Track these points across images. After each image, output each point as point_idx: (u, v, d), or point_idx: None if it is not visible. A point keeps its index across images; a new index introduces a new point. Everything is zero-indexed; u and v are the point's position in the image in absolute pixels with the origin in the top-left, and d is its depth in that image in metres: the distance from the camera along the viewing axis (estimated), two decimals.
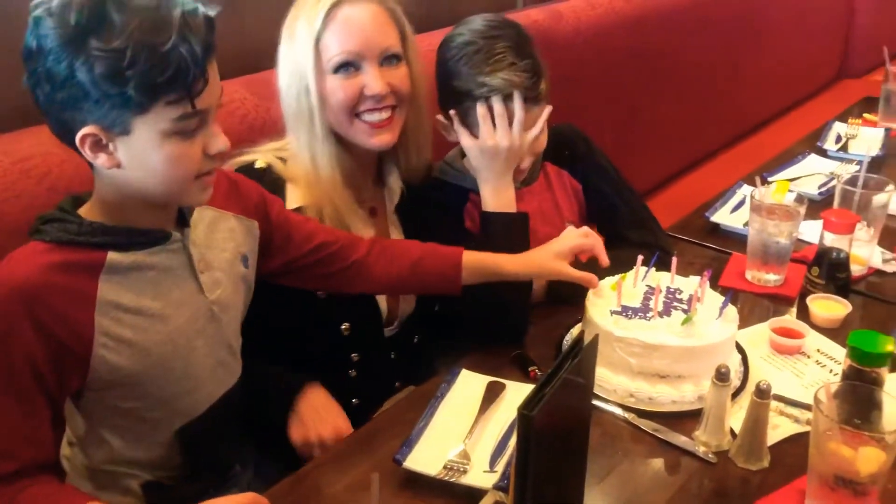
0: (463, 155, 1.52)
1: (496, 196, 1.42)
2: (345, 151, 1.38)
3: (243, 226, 1.19)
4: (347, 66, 1.33)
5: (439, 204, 1.53)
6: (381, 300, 1.44)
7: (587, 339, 0.95)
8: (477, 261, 1.33)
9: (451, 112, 1.43)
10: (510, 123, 1.40)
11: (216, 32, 0.98)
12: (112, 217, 1.03)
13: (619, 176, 1.64)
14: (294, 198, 1.35)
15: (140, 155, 0.97)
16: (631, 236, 1.56)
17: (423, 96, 1.45)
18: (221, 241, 1.15)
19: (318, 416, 1.29)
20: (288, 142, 1.38)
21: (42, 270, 0.98)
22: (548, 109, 1.45)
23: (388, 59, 1.36)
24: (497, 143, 1.39)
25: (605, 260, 1.34)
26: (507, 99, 1.39)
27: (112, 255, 1.02)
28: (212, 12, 0.98)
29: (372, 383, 1.45)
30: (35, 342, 0.96)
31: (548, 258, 1.33)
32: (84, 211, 1.04)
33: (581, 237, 1.35)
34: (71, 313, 0.99)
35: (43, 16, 0.92)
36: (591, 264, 1.38)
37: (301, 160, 1.35)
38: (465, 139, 1.43)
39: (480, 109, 1.39)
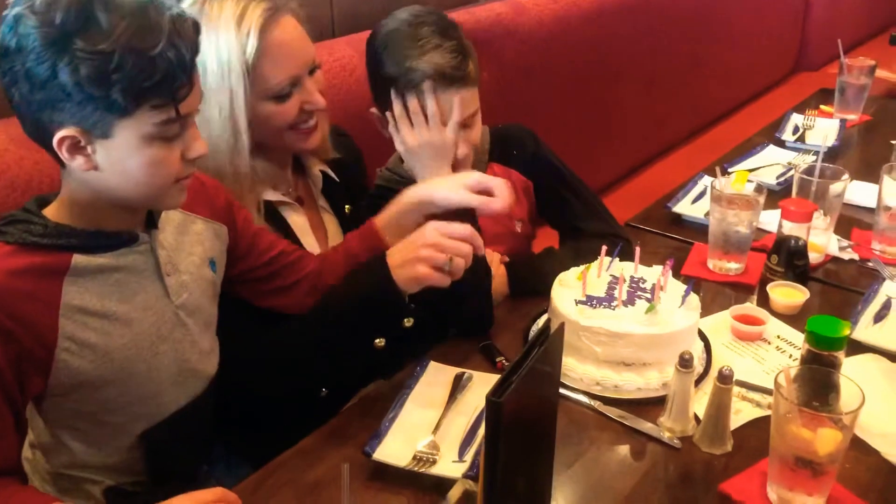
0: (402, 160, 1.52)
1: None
2: (263, 156, 1.35)
3: (211, 229, 1.18)
4: (287, 93, 1.29)
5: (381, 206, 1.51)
6: None
7: (562, 330, 0.97)
8: (385, 220, 1.32)
9: (388, 113, 1.43)
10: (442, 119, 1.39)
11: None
12: (79, 219, 1.01)
13: (568, 170, 1.65)
14: None
15: (119, 158, 0.96)
16: (586, 227, 1.58)
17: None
18: (189, 245, 1.14)
19: None
20: None
21: (4, 276, 0.96)
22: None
23: (313, 70, 1.34)
24: (419, 140, 1.39)
25: (500, 203, 1.28)
26: (438, 87, 1.38)
27: (77, 258, 1.00)
28: (193, 15, 0.98)
29: (342, 375, 1.44)
30: None
31: (450, 188, 1.29)
32: (49, 211, 1.01)
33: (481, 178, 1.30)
34: (34, 318, 0.97)
35: (24, 13, 0.90)
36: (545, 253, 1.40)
37: (211, 165, 1.27)
38: (397, 143, 1.43)
39: (396, 108, 1.39)
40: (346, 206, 1.50)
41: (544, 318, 1.38)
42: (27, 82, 0.91)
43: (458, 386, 1.24)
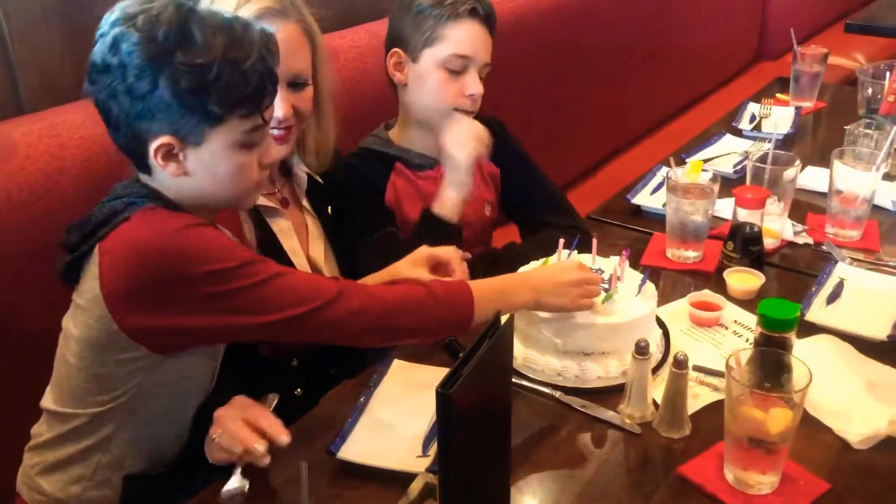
0: (388, 127, 1.63)
1: (451, 201, 1.49)
2: None
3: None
4: None
5: (361, 174, 1.56)
6: None
7: (515, 320, 0.99)
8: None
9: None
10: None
11: None
12: None
13: (533, 163, 1.71)
14: None
15: (209, 164, 1.04)
16: (550, 220, 1.62)
17: (327, 101, 1.46)
18: None
19: None
20: None
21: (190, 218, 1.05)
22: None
23: (296, 85, 1.36)
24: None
25: (459, 270, 1.33)
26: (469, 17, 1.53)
27: None
28: (275, 31, 1.09)
29: (315, 373, 1.46)
30: None
31: (407, 268, 1.33)
32: None
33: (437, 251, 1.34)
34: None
35: (126, 31, 0.97)
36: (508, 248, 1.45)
37: None
38: (402, 94, 1.59)
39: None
40: (329, 207, 1.53)
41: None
42: (127, 96, 0.99)
43: (422, 382, 1.25)
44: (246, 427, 1.05)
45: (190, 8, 1.00)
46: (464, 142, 1.52)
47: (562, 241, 1.37)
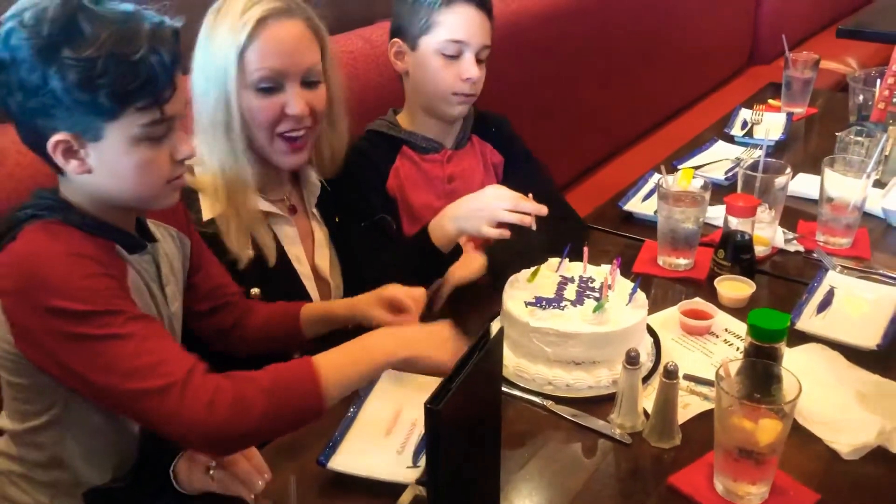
0: (396, 112, 1.67)
1: (445, 233, 1.46)
2: (259, 161, 1.40)
3: (179, 239, 1.23)
4: (270, 85, 1.34)
5: (367, 157, 1.58)
6: (313, 292, 1.48)
7: (505, 330, 0.99)
8: (313, 311, 1.38)
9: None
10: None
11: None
12: None
13: (535, 160, 1.78)
14: (207, 208, 1.35)
15: (111, 161, 1.02)
16: (551, 213, 1.62)
17: (340, 103, 1.48)
18: (171, 253, 1.20)
19: None
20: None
21: (82, 245, 1.02)
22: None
23: (309, 82, 1.37)
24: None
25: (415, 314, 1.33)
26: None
27: (119, 249, 1.07)
28: (178, 24, 1.04)
29: None
30: None
31: (369, 303, 1.34)
32: None
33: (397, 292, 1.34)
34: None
35: (15, 27, 0.97)
36: (500, 245, 1.47)
37: (210, 168, 1.36)
38: (405, 82, 1.65)
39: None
40: (336, 218, 1.55)
41: (498, 321, 1.40)
42: (21, 91, 0.97)
43: (412, 391, 1.25)
44: (245, 462, 1.04)
45: (80, 3, 0.97)
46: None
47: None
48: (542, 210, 1.40)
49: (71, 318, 0.96)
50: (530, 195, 1.44)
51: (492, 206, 1.41)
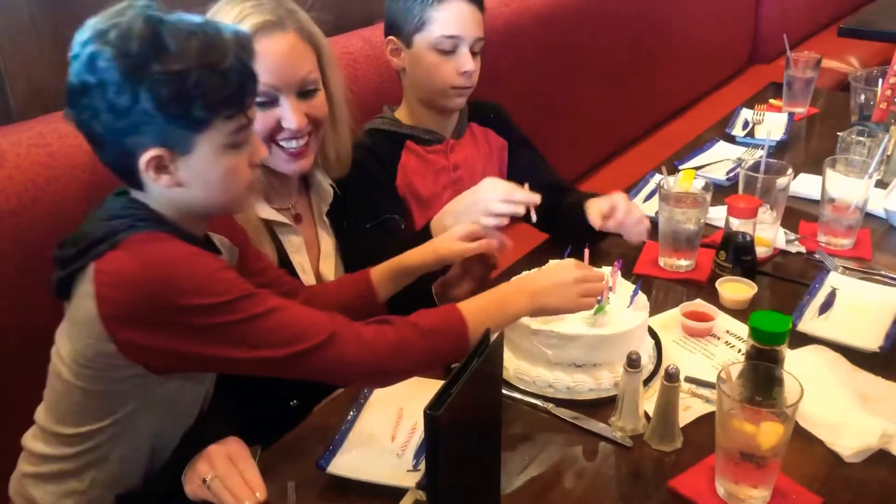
0: (392, 109, 1.68)
1: (445, 229, 1.46)
2: (264, 169, 1.38)
3: (230, 252, 1.22)
4: (264, 100, 1.32)
5: (374, 154, 1.59)
6: None
7: (506, 332, 1.00)
8: (384, 269, 1.38)
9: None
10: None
11: None
12: None
13: (533, 145, 1.83)
14: None
15: (200, 171, 1.03)
16: (563, 184, 1.69)
17: (341, 104, 1.48)
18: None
19: None
20: None
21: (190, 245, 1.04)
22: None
23: (305, 92, 1.36)
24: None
25: (502, 246, 1.41)
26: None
27: None
28: (248, 31, 1.09)
29: (311, 384, 1.45)
30: None
31: (449, 242, 1.38)
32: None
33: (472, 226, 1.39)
34: None
35: (100, 49, 0.96)
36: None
37: None
38: (403, 78, 1.66)
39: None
40: (345, 222, 1.54)
41: None
42: (110, 113, 0.97)
43: (413, 394, 1.24)
44: (239, 478, 1.04)
45: (159, 17, 0.98)
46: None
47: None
48: (536, 199, 1.41)
49: (215, 311, 1.00)
50: (526, 185, 1.45)
51: (486, 198, 1.43)
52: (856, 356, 1.31)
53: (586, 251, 1.39)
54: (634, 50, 2.90)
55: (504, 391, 1.22)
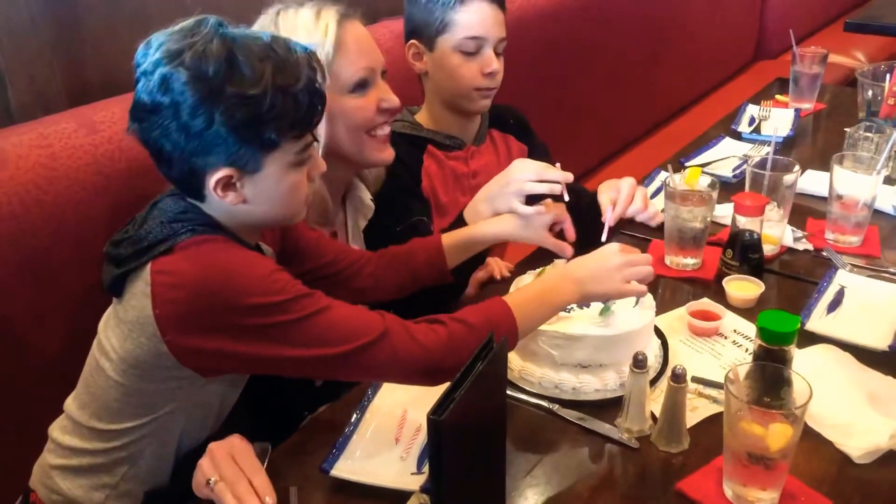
0: (412, 112, 1.68)
1: (479, 216, 1.47)
2: (323, 180, 1.37)
3: (269, 254, 1.23)
4: (364, 84, 1.34)
5: (399, 158, 1.56)
6: None
7: (506, 341, 0.98)
8: (454, 238, 1.41)
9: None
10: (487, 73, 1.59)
11: None
12: None
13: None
14: None
15: (267, 189, 1.04)
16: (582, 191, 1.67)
17: None
18: None
19: None
20: None
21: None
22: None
23: (383, 74, 1.39)
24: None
25: (571, 234, 1.45)
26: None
27: None
28: (312, 47, 1.09)
29: (338, 392, 1.44)
30: None
31: (517, 225, 1.42)
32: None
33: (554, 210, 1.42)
34: None
35: (173, 71, 0.96)
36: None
37: None
38: (425, 81, 1.66)
39: None
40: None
41: None
42: (182, 133, 0.98)
43: (416, 397, 1.23)
44: (246, 483, 1.02)
45: (232, 37, 0.99)
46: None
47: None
48: (569, 177, 1.40)
49: (271, 310, 1.01)
50: (557, 164, 1.44)
51: (518, 179, 1.42)
52: (865, 355, 1.30)
53: (606, 225, 1.38)
54: (639, 46, 2.88)
55: (509, 392, 1.21)
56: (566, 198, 1.42)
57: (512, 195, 1.42)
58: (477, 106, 1.65)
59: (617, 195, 1.53)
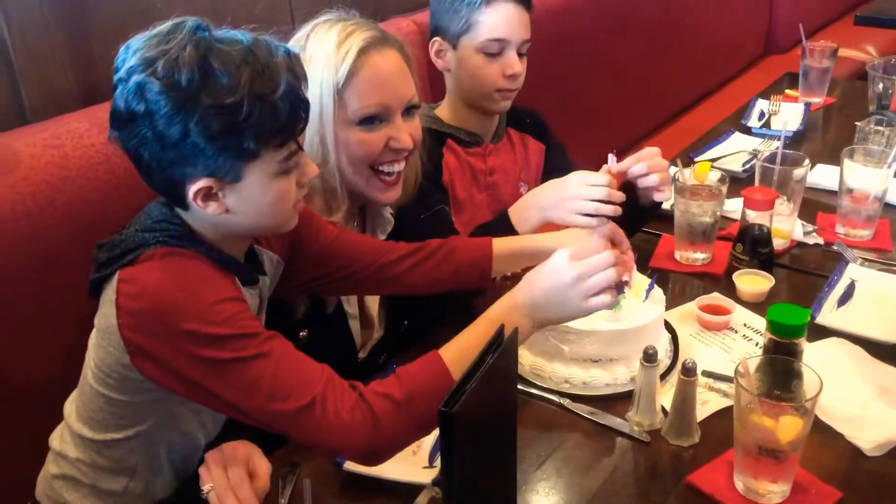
0: (432, 107, 1.68)
1: (527, 221, 1.45)
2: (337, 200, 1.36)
3: (276, 266, 1.20)
4: (372, 120, 1.29)
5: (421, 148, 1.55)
6: (356, 334, 1.43)
7: (516, 332, 0.98)
8: (507, 246, 1.34)
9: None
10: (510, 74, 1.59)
11: None
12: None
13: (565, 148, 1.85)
14: None
15: (250, 198, 1.00)
16: None
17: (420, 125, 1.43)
18: (269, 282, 1.18)
19: None
20: None
21: (208, 270, 1.01)
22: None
23: (409, 111, 1.34)
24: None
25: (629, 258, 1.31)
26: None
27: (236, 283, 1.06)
28: (299, 50, 1.02)
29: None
30: None
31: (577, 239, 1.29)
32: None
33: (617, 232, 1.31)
34: None
35: (148, 80, 0.92)
36: None
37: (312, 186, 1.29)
38: (447, 78, 1.67)
39: None
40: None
41: None
42: (157, 143, 0.94)
43: None
44: (232, 496, 1.03)
45: (208, 44, 0.93)
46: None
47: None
48: (622, 197, 1.35)
49: (206, 342, 0.95)
50: (612, 157, 1.40)
51: (579, 196, 1.36)
52: (875, 348, 1.30)
53: (612, 156, 1.37)
54: (649, 41, 2.87)
55: (520, 387, 1.22)
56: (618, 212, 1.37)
57: (570, 210, 1.37)
58: (498, 106, 1.66)
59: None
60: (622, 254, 1.23)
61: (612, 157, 1.41)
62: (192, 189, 0.97)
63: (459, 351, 1.01)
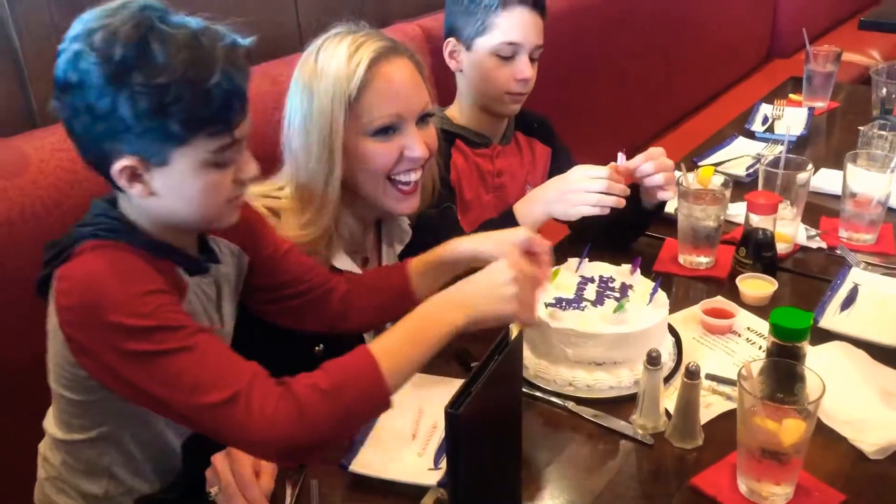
0: (441, 109, 1.68)
1: (532, 216, 1.47)
2: (351, 212, 1.36)
3: (238, 257, 1.20)
4: (387, 131, 1.28)
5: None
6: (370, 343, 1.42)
7: (525, 331, 0.99)
8: (421, 262, 1.30)
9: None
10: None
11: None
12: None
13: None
14: None
15: (176, 185, 0.99)
16: None
17: (436, 133, 1.43)
18: (230, 272, 1.18)
19: None
20: (280, 188, 1.33)
21: (139, 262, 1.00)
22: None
23: (423, 119, 1.33)
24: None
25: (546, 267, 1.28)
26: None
27: (179, 271, 1.06)
28: (249, 43, 1.00)
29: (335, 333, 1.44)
30: None
31: (498, 247, 1.24)
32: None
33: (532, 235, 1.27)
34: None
35: (84, 50, 0.92)
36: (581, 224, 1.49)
37: (295, 213, 1.30)
38: (459, 78, 1.68)
39: None
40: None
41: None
42: (88, 115, 0.93)
43: (433, 393, 1.25)
44: (240, 498, 1.03)
45: (150, 24, 0.92)
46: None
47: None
48: (627, 191, 1.39)
49: (130, 334, 0.93)
50: (622, 155, 1.44)
51: (577, 189, 1.41)
52: (879, 352, 1.30)
53: (621, 154, 1.41)
54: (652, 45, 2.88)
55: (524, 390, 1.22)
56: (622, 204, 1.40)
57: (572, 203, 1.41)
58: (507, 110, 1.67)
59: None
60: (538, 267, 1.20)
61: (621, 156, 1.43)
62: (117, 166, 0.96)
63: (388, 344, 1.02)
